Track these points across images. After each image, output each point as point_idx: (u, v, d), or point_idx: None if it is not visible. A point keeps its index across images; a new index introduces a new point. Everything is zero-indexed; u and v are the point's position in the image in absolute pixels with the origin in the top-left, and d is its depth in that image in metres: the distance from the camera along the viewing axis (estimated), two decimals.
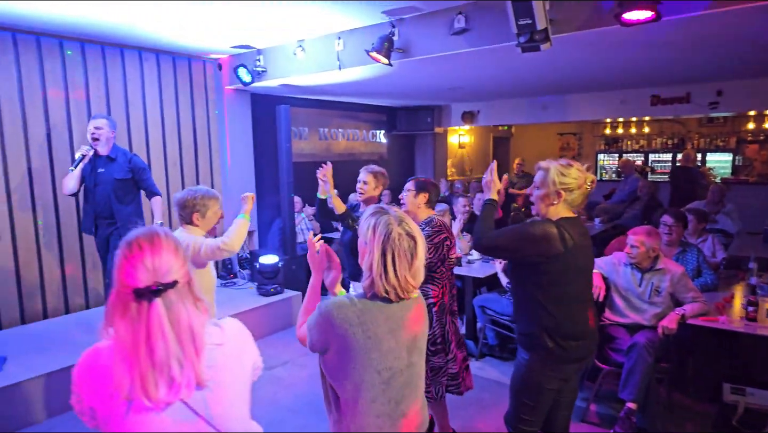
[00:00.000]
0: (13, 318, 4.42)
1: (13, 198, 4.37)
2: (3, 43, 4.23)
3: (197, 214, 2.60)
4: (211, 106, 5.78)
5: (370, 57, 4.07)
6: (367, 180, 3.46)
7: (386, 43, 4.04)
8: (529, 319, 2.20)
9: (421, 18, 3.97)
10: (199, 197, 2.60)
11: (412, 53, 4.11)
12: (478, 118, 8.18)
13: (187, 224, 2.63)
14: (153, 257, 1.14)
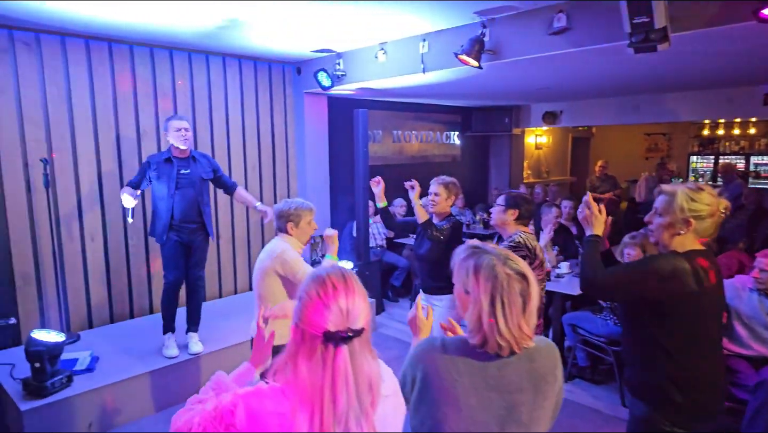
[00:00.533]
0: (104, 317, 4.61)
1: (106, 201, 4.55)
2: (99, 52, 4.40)
3: (291, 223, 2.72)
4: (288, 110, 5.79)
5: (459, 60, 3.87)
6: (438, 192, 3.34)
7: (477, 44, 3.82)
8: (649, 366, 1.90)
9: (515, 17, 3.73)
10: (294, 208, 2.75)
11: (504, 55, 3.87)
12: (560, 119, 7.76)
13: (282, 232, 2.76)
14: (347, 300, 1.09)
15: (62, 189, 4.30)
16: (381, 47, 4.73)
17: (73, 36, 4.23)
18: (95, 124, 4.43)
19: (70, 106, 4.30)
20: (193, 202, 3.85)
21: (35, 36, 4.08)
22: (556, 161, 10.00)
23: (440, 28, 4.24)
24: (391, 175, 5.55)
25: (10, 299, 4.11)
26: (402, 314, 5.75)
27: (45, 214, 4.17)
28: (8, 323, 4.07)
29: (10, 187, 4.05)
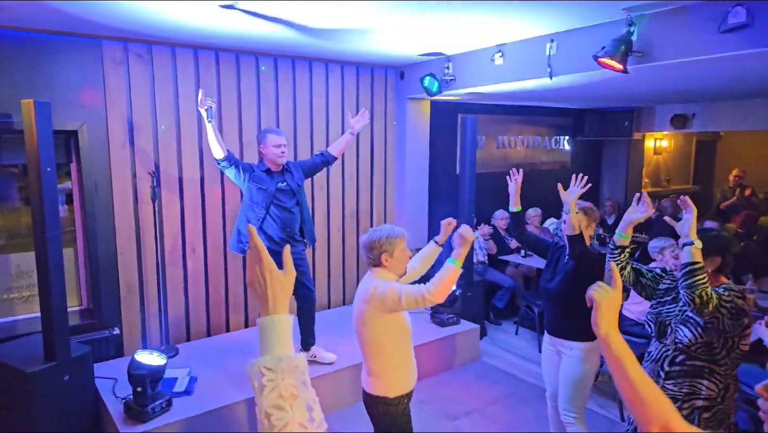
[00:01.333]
0: (200, 330, 4.57)
1: (207, 212, 4.48)
2: (206, 61, 4.32)
3: (385, 255, 2.41)
4: (389, 115, 5.48)
5: (599, 63, 3.33)
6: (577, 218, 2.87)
7: (623, 45, 3.25)
8: None
9: (672, 13, 3.11)
10: (385, 237, 2.41)
11: (655, 57, 3.27)
12: (692, 123, 6.81)
13: (375, 266, 2.45)
14: None
15: (166, 200, 4.28)
16: (498, 49, 4.26)
17: (183, 46, 4.17)
18: (200, 133, 4.36)
19: (177, 116, 4.25)
20: (292, 216, 3.80)
21: (147, 47, 4.05)
22: (677, 167, 8.93)
23: (572, 27, 3.70)
24: (494, 184, 5.07)
25: (114, 309, 4.15)
26: (507, 340, 5.27)
27: (150, 225, 4.17)
28: (112, 334, 4.11)
29: (119, 199, 4.08)
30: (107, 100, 3.95)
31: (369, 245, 2.42)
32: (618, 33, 3.27)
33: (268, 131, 3.76)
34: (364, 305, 2.36)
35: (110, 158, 4.02)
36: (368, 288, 2.36)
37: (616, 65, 3.26)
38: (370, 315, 2.35)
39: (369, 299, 2.33)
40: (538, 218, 6.25)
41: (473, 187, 4.90)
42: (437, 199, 5.92)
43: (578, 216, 2.88)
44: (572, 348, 2.83)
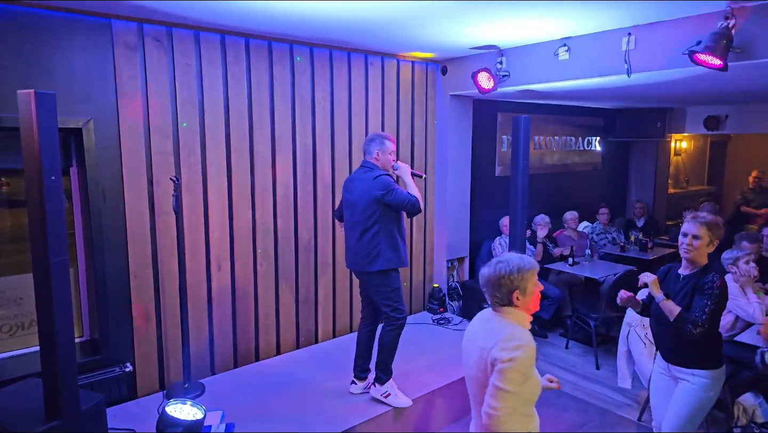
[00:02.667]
0: (227, 361, 3.95)
1: (235, 223, 3.87)
2: (235, 49, 3.70)
3: (517, 292, 1.93)
4: (430, 114, 4.94)
5: (694, 59, 2.90)
6: (700, 234, 2.54)
7: (723, 40, 2.83)
8: None
9: None
10: (516, 270, 1.94)
11: (756, 53, 2.86)
12: (725, 125, 6.52)
13: (503, 305, 1.95)
14: None
15: (188, 210, 3.64)
16: (563, 43, 3.79)
17: (209, 30, 3.54)
18: (227, 133, 3.74)
19: (202, 113, 3.62)
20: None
21: (167, 30, 3.40)
22: (693, 168, 8.70)
23: (655, 20, 3.26)
24: (533, 186, 4.62)
25: (126, 340, 3.50)
26: (557, 355, 4.82)
27: (170, 239, 3.54)
28: (123, 371, 3.46)
29: (132, 208, 3.42)
30: (118, 93, 3.29)
31: (497, 281, 1.94)
32: (709, 27, 2.89)
33: (385, 136, 3.32)
34: (497, 351, 1.85)
35: (122, 161, 3.36)
36: (502, 336, 1.87)
37: (715, 62, 2.85)
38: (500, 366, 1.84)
39: (506, 349, 1.83)
40: (575, 221, 5.86)
41: (526, 192, 4.39)
42: (476, 204, 5.42)
43: (701, 230, 2.55)
44: (695, 375, 2.57)
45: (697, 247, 2.54)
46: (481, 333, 1.97)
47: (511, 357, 1.80)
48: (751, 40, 2.89)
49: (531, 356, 1.85)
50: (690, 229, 2.57)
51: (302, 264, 4.24)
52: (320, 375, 3.76)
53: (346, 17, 3.20)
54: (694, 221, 2.58)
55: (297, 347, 4.31)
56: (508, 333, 1.87)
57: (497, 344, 1.85)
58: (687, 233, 2.57)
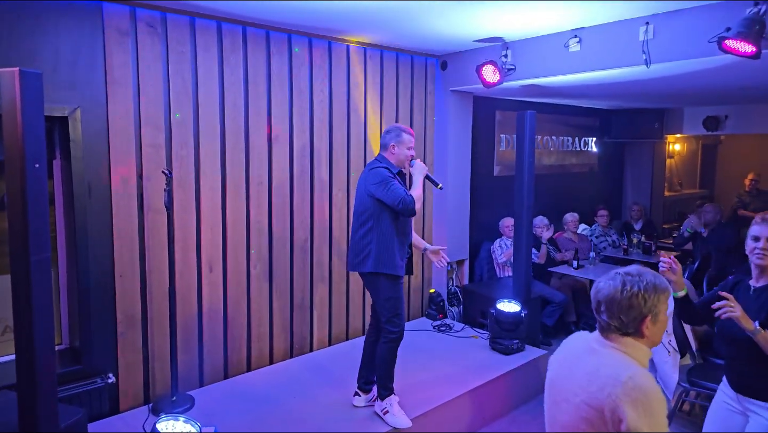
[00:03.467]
0: (217, 371, 3.70)
1: (229, 221, 3.65)
2: (232, 37, 3.50)
3: (650, 318, 1.46)
4: (429, 110, 4.79)
5: (723, 47, 2.79)
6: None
7: (756, 25, 2.73)
8: None
9: None
10: (652, 290, 1.46)
11: None
12: (725, 125, 6.50)
13: (624, 334, 1.48)
14: None
15: (179, 207, 3.41)
16: (575, 34, 3.67)
17: (204, 16, 3.33)
18: (222, 126, 3.53)
19: (196, 104, 3.41)
20: (411, 230, 3.19)
21: (161, 16, 3.19)
22: (686, 171, 8.71)
23: (674, 9, 3.16)
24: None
25: (109, 349, 3.23)
26: None
27: (159, 239, 3.31)
28: (106, 382, 3.19)
29: (119, 205, 3.18)
30: (108, 80, 3.07)
31: (628, 301, 1.45)
32: (735, 15, 2.78)
33: (405, 129, 3.07)
34: (630, 410, 1.34)
35: (110, 153, 3.13)
36: (622, 381, 1.37)
37: (747, 48, 2.74)
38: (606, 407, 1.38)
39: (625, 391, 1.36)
40: (575, 223, 5.75)
41: (532, 191, 4.27)
42: (474, 204, 5.27)
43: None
44: None
45: None
46: (583, 370, 1.47)
47: (648, 421, 1.33)
48: None
49: (664, 411, 1.38)
50: (764, 231, 2.16)
51: (297, 266, 4.03)
52: (316, 387, 3.52)
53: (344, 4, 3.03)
54: (766, 222, 2.18)
55: (291, 355, 4.08)
56: (629, 378, 1.37)
57: (620, 396, 1.35)
58: (760, 237, 2.16)
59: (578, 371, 1.49)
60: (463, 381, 3.58)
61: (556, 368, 1.60)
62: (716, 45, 2.82)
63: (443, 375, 3.69)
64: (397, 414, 3.07)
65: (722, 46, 2.81)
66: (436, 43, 4.19)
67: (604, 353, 1.48)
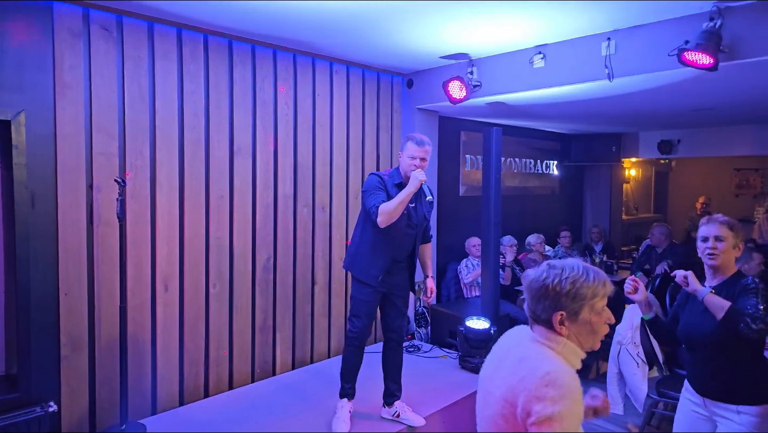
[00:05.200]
0: (172, 397, 3.44)
1: (187, 236, 3.45)
2: (193, 45, 3.39)
3: (562, 314, 1.37)
4: (395, 128, 4.77)
5: (682, 60, 2.89)
6: (723, 235, 2.22)
7: (714, 38, 2.84)
8: None
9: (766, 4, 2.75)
10: (570, 282, 1.35)
11: (745, 53, 2.89)
12: (677, 149, 6.76)
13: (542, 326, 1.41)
14: None
15: (133, 220, 3.20)
16: (539, 51, 3.74)
17: (163, 22, 3.22)
18: (181, 135, 3.38)
19: (153, 113, 3.26)
20: (413, 242, 3.10)
21: (117, 19, 3.06)
22: (641, 196, 8.99)
23: (634, 24, 3.27)
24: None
25: (52, 373, 2.96)
26: None
27: (110, 254, 3.09)
28: (47, 411, 2.89)
29: (66, 217, 2.96)
30: (57, 84, 2.89)
31: (539, 290, 1.39)
32: (694, 29, 2.89)
33: (411, 137, 3.01)
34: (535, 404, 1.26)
35: (57, 161, 2.92)
36: (537, 376, 1.29)
37: (705, 60, 2.84)
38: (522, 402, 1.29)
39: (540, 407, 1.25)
40: (542, 245, 5.77)
41: (499, 208, 4.26)
42: (441, 224, 5.22)
43: (725, 231, 2.21)
44: (741, 412, 2.12)
45: (723, 249, 2.19)
46: (508, 363, 1.39)
47: (552, 415, 1.23)
48: (739, 39, 2.89)
49: (577, 412, 1.29)
50: (710, 231, 2.22)
51: (260, 286, 3.85)
52: (278, 414, 3.29)
53: (311, 9, 2.99)
54: (713, 221, 2.25)
55: (252, 380, 3.84)
56: (546, 373, 1.28)
57: (531, 389, 1.27)
58: (708, 236, 2.22)
59: (505, 362, 1.41)
60: (433, 401, 3.44)
61: (487, 364, 1.53)
62: (676, 58, 2.91)
63: (413, 395, 3.52)
64: (339, 418, 3.07)
65: (682, 58, 2.90)
66: (402, 59, 4.20)
67: (531, 347, 1.40)
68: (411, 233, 3.04)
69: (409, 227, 3.03)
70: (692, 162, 9.63)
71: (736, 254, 2.24)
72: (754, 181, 9.58)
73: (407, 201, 2.84)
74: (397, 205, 2.81)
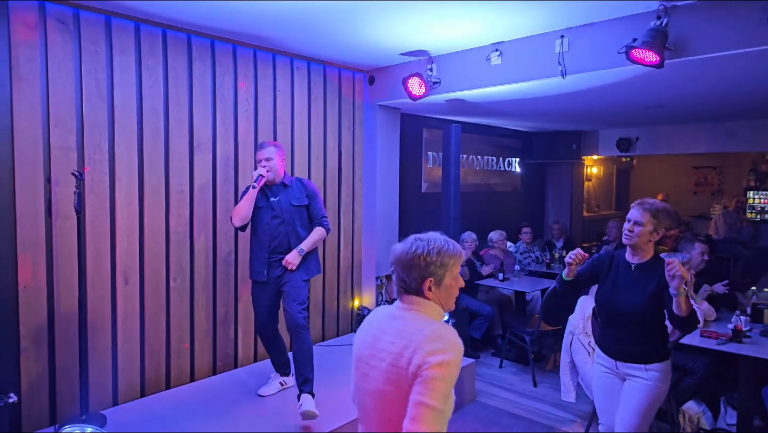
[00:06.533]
0: (133, 388, 3.48)
1: (147, 230, 3.49)
2: (151, 39, 3.43)
3: (431, 280, 1.53)
4: (357, 124, 4.86)
5: (630, 57, 3.04)
6: (643, 221, 2.45)
7: (660, 36, 2.98)
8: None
9: (713, 5, 2.92)
10: (435, 253, 1.53)
11: (691, 51, 3.04)
12: (635, 146, 7.02)
13: (411, 294, 1.56)
14: None
15: (92, 214, 3.24)
16: (495, 48, 3.88)
17: (121, 16, 3.26)
18: (140, 130, 3.42)
19: (111, 107, 3.29)
20: (285, 234, 3.32)
21: (73, 12, 3.09)
22: (603, 194, 9.27)
23: (587, 22, 3.42)
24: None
25: (11, 366, 2.98)
26: (493, 374, 4.71)
27: (68, 247, 3.11)
28: (6, 402, 2.91)
29: (24, 210, 2.98)
30: (13, 77, 2.91)
31: (410, 262, 1.54)
32: (642, 28, 3.03)
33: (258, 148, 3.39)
34: (428, 357, 1.41)
35: (14, 155, 2.94)
36: (425, 335, 1.45)
37: (652, 58, 2.99)
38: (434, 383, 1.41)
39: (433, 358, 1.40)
40: (503, 242, 5.93)
41: (458, 202, 4.40)
42: (403, 220, 5.33)
43: (645, 217, 2.45)
44: (649, 369, 2.44)
45: (638, 234, 2.43)
46: (388, 335, 1.52)
47: (442, 361, 1.39)
48: (685, 37, 3.03)
49: (460, 361, 1.46)
50: (633, 215, 2.47)
51: (221, 279, 3.90)
52: (239, 404, 3.37)
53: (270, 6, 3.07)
54: (639, 206, 2.47)
55: (214, 372, 3.90)
56: (432, 330, 1.46)
57: (421, 345, 1.42)
58: (630, 219, 2.47)
59: (384, 337, 1.53)
60: None
61: (361, 343, 1.62)
62: (624, 55, 3.05)
63: None
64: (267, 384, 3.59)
65: (630, 56, 3.03)
66: (364, 56, 4.30)
67: (406, 316, 1.54)
68: (278, 222, 3.29)
69: (275, 218, 3.28)
70: (653, 160, 9.97)
71: (654, 237, 2.46)
72: (712, 179, 9.98)
73: (251, 198, 3.21)
74: (243, 204, 3.22)
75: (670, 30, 3.02)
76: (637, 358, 2.47)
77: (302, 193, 3.37)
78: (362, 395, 1.59)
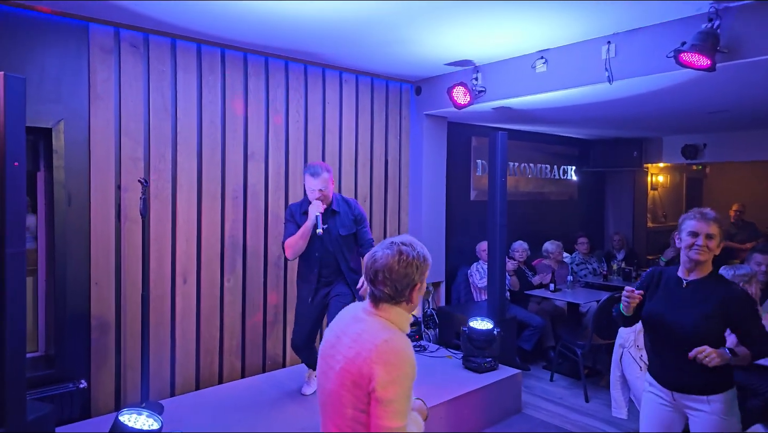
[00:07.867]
0: (188, 382, 3.74)
1: (204, 234, 3.76)
2: (211, 58, 3.72)
3: (419, 286, 1.56)
4: (404, 134, 4.98)
5: (679, 61, 2.94)
6: (713, 233, 2.19)
7: (711, 39, 2.87)
8: None
9: (765, 3, 2.80)
10: (423, 259, 1.56)
11: (744, 53, 2.92)
12: (703, 153, 6.66)
13: (396, 304, 1.55)
14: None
15: (156, 218, 3.54)
16: (541, 56, 3.88)
17: (185, 38, 3.57)
18: (200, 141, 3.71)
19: (175, 120, 3.60)
20: (332, 261, 3.39)
21: (143, 36, 3.43)
22: (671, 203, 8.80)
23: (633, 27, 3.36)
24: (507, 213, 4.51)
25: (82, 355, 3.31)
26: (543, 387, 4.61)
27: (134, 248, 3.42)
28: (78, 388, 3.25)
29: (97, 214, 3.32)
30: (91, 95, 3.27)
31: (405, 268, 1.51)
32: (693, 30, 2.93)
33: (307, 168, 3.34)
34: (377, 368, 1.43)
35: (90, 164, 3.29)
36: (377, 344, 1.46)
37: (702, 62, 2.89)
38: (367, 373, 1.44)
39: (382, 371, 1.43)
40: (559, 253, 5.79)
41: (505, 211, 4.38)
42: (451, 229, 5.37)
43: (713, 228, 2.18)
44: (712, 401, 2.18)
45: (713, 248, 2.18)
46: (347, 338, 1.53)
47: (394, 379, 1.42)
48: (738, 39, 2.92)
49: (413, 370, 1.47)
50: (703, 228, 2.17)
51: (271, 281, 4.11)
52: (284, 402, 3.52)
53: (320, 20, 3.24)
54: (704, 217, 2.19)
55: (263, 370, 4.11)
56: (383, 341, 1.45)
57: (371, 358, 1.43)
58: (698, 232, 2.17)
59: (344, 339, 1.55)
60: (433, 396, 3.56)
61: (325, 341, 1.63)
62: (674, 60, 2.94)
63: (414, 391, 3.67)
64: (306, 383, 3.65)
65: (679, 60, 2.93)
66: (410, 67, 4.42)
67: (369, 321, 1.54)
68: (326, 251, 3.34)
69: (324, 247, 3.33)
70: (729, 168, 9.33)
71: (717, 252, 2.24)
72: None
73: (307, 234, 3.21)
74: (297, 240, 3.24)
75: (722, 32, 2.92)
76: (699, 390, 2.21)
77: (350, 219, 3.40)
78: (322, 393, 1.60)
